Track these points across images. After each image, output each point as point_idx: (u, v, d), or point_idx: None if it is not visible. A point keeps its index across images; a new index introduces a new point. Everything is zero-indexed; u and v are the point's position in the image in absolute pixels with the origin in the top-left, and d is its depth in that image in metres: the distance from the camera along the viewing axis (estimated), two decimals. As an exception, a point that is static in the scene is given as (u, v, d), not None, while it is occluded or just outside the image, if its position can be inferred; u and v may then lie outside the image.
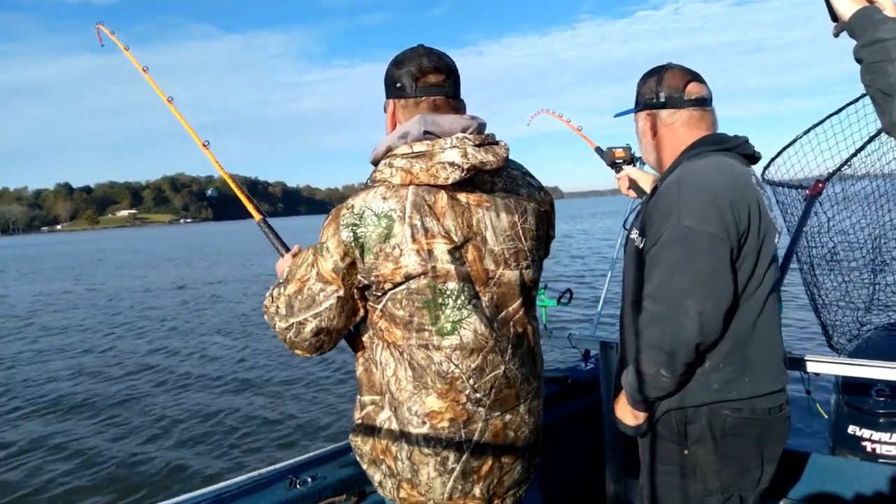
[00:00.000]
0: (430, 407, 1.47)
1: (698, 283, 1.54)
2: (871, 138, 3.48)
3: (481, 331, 1.47)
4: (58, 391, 9.18)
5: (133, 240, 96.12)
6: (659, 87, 1.80)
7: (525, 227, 1.55)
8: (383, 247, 1.41)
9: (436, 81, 1.53)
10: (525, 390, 1.58)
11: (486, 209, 1.49)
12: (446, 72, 1.55)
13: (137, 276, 28.48)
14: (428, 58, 1.54)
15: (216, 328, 13.75)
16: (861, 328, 3.96)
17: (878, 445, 3.21)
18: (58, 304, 19.79)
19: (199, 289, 21.55)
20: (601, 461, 2.84)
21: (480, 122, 1.54)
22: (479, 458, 1.51)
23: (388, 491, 1.57)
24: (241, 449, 6.53)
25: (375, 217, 1.41)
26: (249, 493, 1.91)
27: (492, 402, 1.50)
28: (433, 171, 1.41)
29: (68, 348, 12.40)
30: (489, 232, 1.48)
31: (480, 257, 1.47)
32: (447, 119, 1.49)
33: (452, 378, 1.46)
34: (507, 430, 1.54)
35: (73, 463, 6.42)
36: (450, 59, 1.58)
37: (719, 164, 1.68)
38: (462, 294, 1.44)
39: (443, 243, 1.42)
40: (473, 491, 1.52)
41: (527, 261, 1.55)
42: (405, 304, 1.44)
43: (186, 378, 9.51)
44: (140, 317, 16.01)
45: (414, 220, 1.41)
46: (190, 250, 49.28)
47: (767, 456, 1.70)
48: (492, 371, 1.49)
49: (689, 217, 1.57)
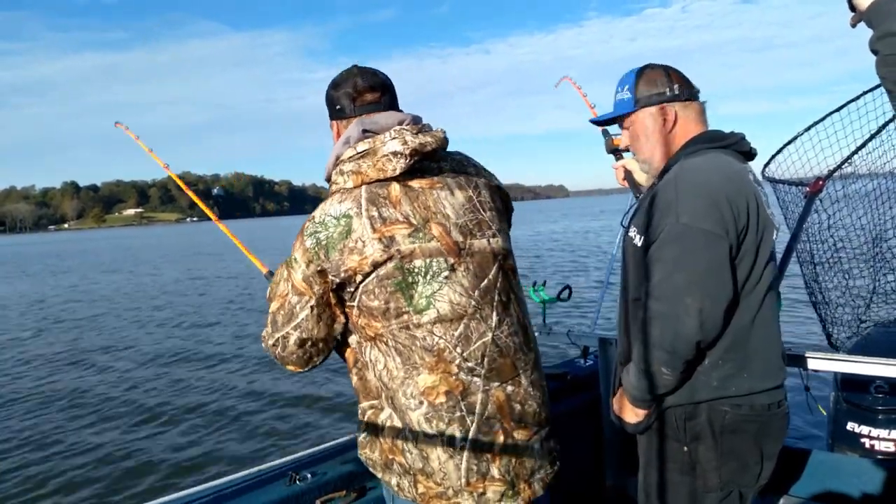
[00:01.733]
0: (423, 384, 1.48)
1: (698, 280, 1.55)
2: (872, 136, 3.47)
3: (457, 300, 1.50)
4: (53, 384, 9.20)
5: (142, 237, 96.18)
6: (670, 81, 1.79)
7: (481, 199, 1.61)
8: (346, 243, 1.48)
9: (372, 99, 1.63)
10: (522, 360, 1.58)
11: (439, 189, 1.56)
12: (381, 89, 1.65)
13: (147, 272, 28.50)
14: (362, 77, 1.64)
15: (214, 322, 13.76)
16: (861, 325, 3.96)
17: (877, 442, 3.21)
18: (59, 301, 19.82)
19: (203, 282, 21.56)
20: (600, 457, 2.85)
21: (416, 116, 1.63)
22: (487, 433, 1.49)
23: (407, 492, 1.54)
24: (242, 445, 6.54)
25: (335, 219, 1.49)
26: (250, 490, 1.92)
27: (487, 371, 1.51)
28: (380, 165, 1.50)
29: (62, 342, 12.42)
30: (448, 209, 1.55)
31: (447, 231, 1.52)
32: (383, 116, 1.60)
33: (439, 349, 1.48)
34: (512, 402, 1.53)
35: (71, 459, 6.44)
36: (384, 76, 1.67)
37: (717, 161, 1.68)
38: (431, 269, 1.49)
39: (403, 227, 1.49)
40: (491, 472, 1.49)
41: (491, 230, 1.60)
42: (378, 293, 1.48)
43: (186, 374, 9.53)
44: (140, 311, 16.03)
45: (371, 212, 1.48)
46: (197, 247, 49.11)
47: (767, 452, 1.70)
48: (479, 338, 1.51)
49: (687, 215, 1.57)
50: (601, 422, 2.79)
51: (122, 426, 7.33)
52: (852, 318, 3.96)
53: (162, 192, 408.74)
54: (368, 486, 2.02)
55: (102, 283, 24.35)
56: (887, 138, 3.55)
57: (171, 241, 71.42)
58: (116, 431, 7.16)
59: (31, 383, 9.48)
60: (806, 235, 3.68)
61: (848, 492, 2.27)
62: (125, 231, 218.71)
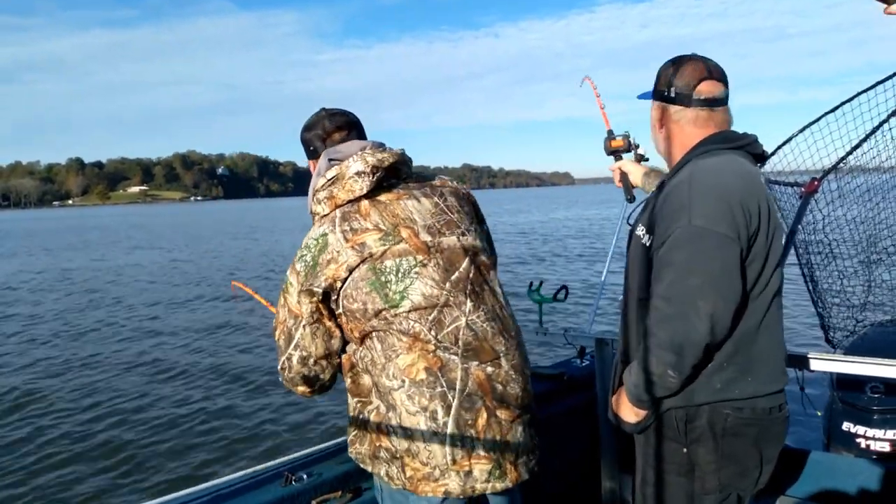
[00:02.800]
0: (402, 363, 1.59)
1: (709, 283, 1.53)
2: (866, 136, 3.48)
3: (429, 292, 1.62)
4: (46, 382, 9.15)
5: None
6: (673, 80, 1.76)
7: (447, 204, 1.74)
8: (324, 256, 1.63)
9: (340, 138, 1.80)
10: (502, 346, 1.67)
11: (405, 199, 1.70)
12: (347, 127, 1.81)
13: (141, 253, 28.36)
14: (329, 120, 1.81)
15: (210, 322, 13.72)
16: (857, 324, 3.98)
17: (873, 442, 3.22)
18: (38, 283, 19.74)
19: (200, 272, 21.50)
20: (596, 458, 2.84)
21: (377, 142, 1.78)
22: (469, 409, 1.58)
23: (396, 479, 1.61)
24: (238, 446, 6.52)
25: (315, 240, 1.66)
26: (246, 490, 1.91)
27: (463, 350, 1.61)
28: (348, 186, 1.66)
29: (56, 335, 12.36)
30: (416, 214, 1.68)
31: (415, 233, 1.65)
32: (345, 145, 1.76)
33: (414, 332, 1.60)
34: (494, 382, 1.63)
35: (66, 459, 6.40)
36: (350, 115, 1.84)
37: (730, 164, 1.66)
38: (401, 267, 1.61)
39: (373, 234, 1.63)
40: (476, 448, 1.57)
41: (460, 229, 1.72)
42: (356, 296, 1.61)
43: (180, 373, 9.50)
44: (131, 304, 15.97)
45: (343, 227, 1.64)
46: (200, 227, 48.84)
47: (766, 456, 1.70)
48: (452, 322, 1.62)
49: (700, 217, 1.55)
50: (597, 422, 2.78)
51: (115, 427, 7.28)
52: (849, 318, 3.97)
53: (166, 171, 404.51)
54: (364, 487, 2.01)
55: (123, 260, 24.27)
56: (881, 138, 3.56)
57: (186, 219, 70.48)
58: (109, 432, 7.12)
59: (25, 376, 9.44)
60: (802, 235, 3.69)
61: (844, 492, 2.27)
62: (130, 208, 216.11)
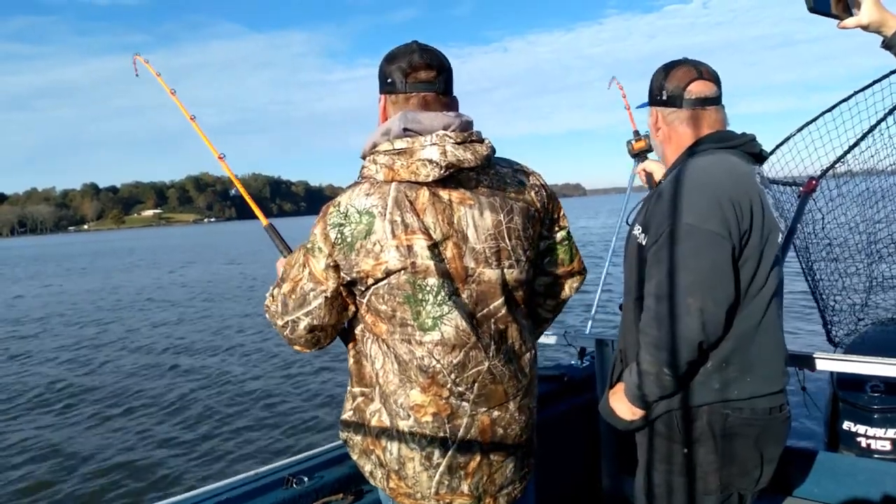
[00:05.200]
0: (413, 400, 1.49)
1: (700, 281, 1.54)
2: (864, 135, 3.49)
3: (463, 327, 1.48)
4: (48, 387, 9.15)
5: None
6: (664, 83, 1.80)
7: (510, 226, 1.54)
8: (364, 243, 1.44)
9: (426, 78, 1.54)
10: (514, 387, 1.57)
11: (468, 207, 1.49)
12: (437, 68, 1.55)
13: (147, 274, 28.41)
14: (419, 54, 1.54)
15: (210, 327, 13.73)
16: (858, 323, 3.98)
17: (873, 441, 3.22)
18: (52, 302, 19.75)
19: (198, 286, 21.52)
20: (597, 459, 2.84)
21: (465, 119, 1.53)
22: (465, 454, 1.51)
23: (378, 480, 1.59)
24: (238, 449, 6.52)
25: (358, 214, 1.44)
26: (247, 494, 1.90)
27: (476, 396, 1.51)
28: (413, 168, 1.43)
29: (59, 345, 12.36)
30: (470, 230, 1.48)
31: (460, 254, 1.47)
32: (428, 116, 1.50)
33: (434, 372, 1.48)
34: (496, 426, 1.54)
35: (66, 462, 6.40)
36: (443, 56, 1.57)
37: (722, 162, 1.67)
38: (442, 290, 1.46)
39: (422, 239, 1.43)
40: (461, 487, 1.53)
41: (510, 260, 1.53)
42: (387, 299, 1.47)
43: (181, 378, 9.50)
44: (132, 313, 15.98)
45: (394, 216, 1.43)
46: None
47: (767, 456, 1.69)
48: (474, 367, 1.50)
49: (690, 215, 1.56)
50: (597, 424, 2.78)
51: (115, 431, 7.28)
52: (850, 317, 3.98)
53: (180, 193, 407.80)
54: (365, 490, 2.01)
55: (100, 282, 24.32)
56: (879, 137, 3.57)
57: (202, 240, 71.06)
58: (108, 436, 7.11)
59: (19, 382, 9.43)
60: (802, 234, 3.70)
61: (844, 491, 2.27)
62: (145, 231, 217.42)
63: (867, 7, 1.40)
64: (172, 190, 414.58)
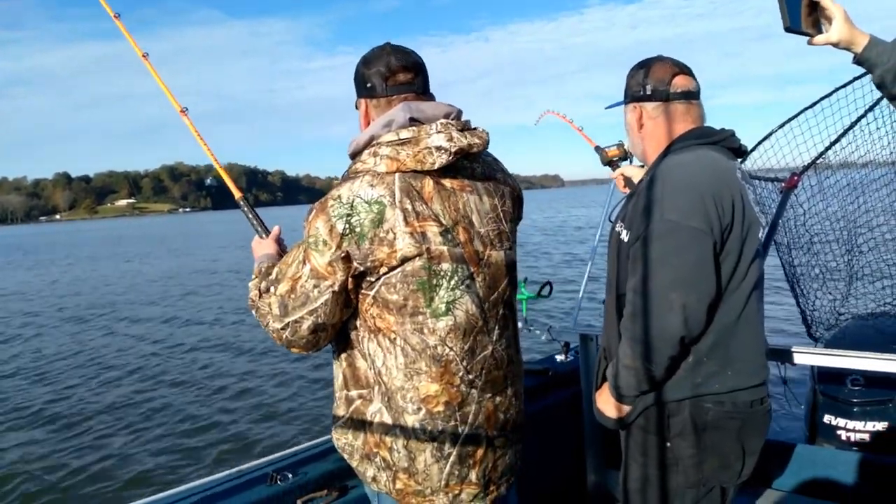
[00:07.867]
0: (424, 392, 1.49)
1: (682, 277, 1.55)
2: (845, 131, 3.53)
3: (473, 311, 1.51)
4: (30, 389, 9.05)
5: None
6: (646, 79, 1.79)
7: (504, 209, 1.61)
8: (377, 231, 1.43)
9: (405, 80, 1.57)
10: (511, 372, 1.63)
11: (469, 193, 1.55)
12: (414, 70, 1.58)
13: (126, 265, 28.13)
14: (395, 56, 1.57)
15: (193, 321, 13.63)
16: (839, 317, 4.02)
17: (853, 434, 3.26)
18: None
19: (183, 278, 21.34)
20: (581, 453, 2.86)
21: (459, 109, 1.59)
22: (474, 441, 1.54)
23: (382, 484, 1.57)
24: (222, 446, 6.49)
25: (366, 204, 1.43)
26: (230, 490, 1.90)
27: (483, 383, 1.55)
28: (420, 156, 1.45)
29: (37, 344, 12.23)
30: (475, 215, 1.54)
31: (470, 239, 1.52)
32: (430, 106, 1.54)
33: (447, 361, 1.49)
34: (498, 412, 1.58)
35: (50, 461, 6.34)
36: (417, 56, 1.61)
37: (703, 158, 1.68)
38: (456, 275, 1.48)
39: (434, 226, 1.46)
40: (470, 476, 1.55)
41: (508, 241, 1.61)
42: (399, 288, 1.46)
43: (161, 374, 9.43)
44: (115, 309, 15.83)
45: (405, 204, 1.44)
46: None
47: (749, 449, 1.71)
48: (482, 352, 1.54)
49: (672, 211, 1.57)
50: (582, 418, 2.80)
51: (99, 428, 7.22)
52: (830, 311, 4.02)
53: (154, 183, 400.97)
54: (350, 486, 2.01)
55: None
56: (860, 133, 3.61)
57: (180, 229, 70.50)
58: (93, 434, 7.05)
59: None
60: (783, 230, 3.73)
61: (826, 483, 2.30)
62: (118, 222, 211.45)
63: (837, 25, 1.46)
64: (147, 180, 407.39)
